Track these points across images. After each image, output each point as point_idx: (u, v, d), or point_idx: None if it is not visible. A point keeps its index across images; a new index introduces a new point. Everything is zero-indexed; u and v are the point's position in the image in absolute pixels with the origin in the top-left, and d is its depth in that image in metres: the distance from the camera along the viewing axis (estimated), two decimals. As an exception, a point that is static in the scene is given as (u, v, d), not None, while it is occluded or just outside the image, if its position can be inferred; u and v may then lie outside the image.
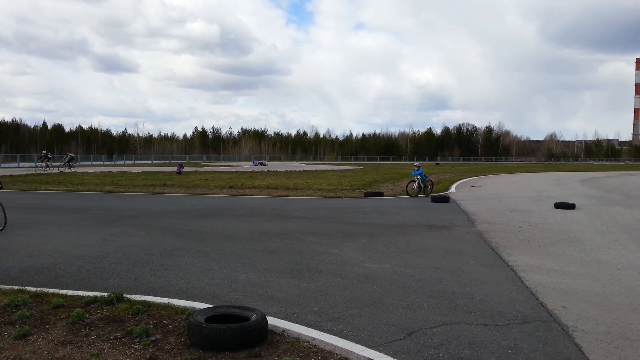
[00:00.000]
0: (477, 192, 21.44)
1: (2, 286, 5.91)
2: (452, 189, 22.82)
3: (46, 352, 4.06)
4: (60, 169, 38.57)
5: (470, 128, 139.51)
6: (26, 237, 9.35)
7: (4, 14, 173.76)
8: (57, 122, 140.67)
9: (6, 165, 53.67)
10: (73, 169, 39.14)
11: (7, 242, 8.82)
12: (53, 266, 7.10)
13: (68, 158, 40.40)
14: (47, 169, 37.34)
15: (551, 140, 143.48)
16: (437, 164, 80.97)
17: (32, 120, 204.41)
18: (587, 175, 37.36)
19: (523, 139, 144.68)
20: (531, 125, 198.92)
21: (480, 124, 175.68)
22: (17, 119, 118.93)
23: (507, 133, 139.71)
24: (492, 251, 8.39)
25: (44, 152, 40.09)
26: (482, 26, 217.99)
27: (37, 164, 38.49)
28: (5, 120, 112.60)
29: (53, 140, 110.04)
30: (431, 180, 20.69)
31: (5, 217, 10.24)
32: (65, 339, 4.32)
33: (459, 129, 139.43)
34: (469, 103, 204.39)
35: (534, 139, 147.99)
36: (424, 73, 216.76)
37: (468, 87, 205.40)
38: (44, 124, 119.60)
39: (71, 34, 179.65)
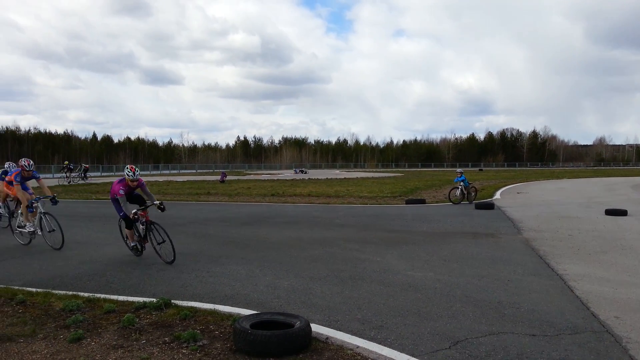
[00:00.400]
0: (523, 198, 20.91)
1: (57, 291, 6.17)
2: (497, 195, 22.34)
3: (99, 356, 4.21)
4: (74, 180, 37.65)
5: (514, 133, 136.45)
6: (78, 245, 9.72)
7: (58, 32, 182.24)
8: (106, 133, 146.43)
9: (59, 175, 55.88)
10: (87, 180, 38.35)
11: (61, 250, 9.19)
12: (104, 272, 7.36)
13: (83, 169, 39.66)
14: (68, 179, 36.68)
15: (600, 144, 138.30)
16: (481, 170, 79.54)
17: (82, 132, 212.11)
18: (639, 181, 35.83)
19: (570, 144, 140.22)
20: (579, 129, 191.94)
21: (525, 128, 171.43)
22: (69, 130, 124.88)
23: (554, 137, 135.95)
24: (539, 259, 8.17)
25: (66, 162, 38.96)
26: (525, 28, 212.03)
27: (63, 175, 37.53)
28: (58, 132, 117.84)
29: (102, 151, 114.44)
30: (474, 187, 20.32)
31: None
32: (116, 343, 4.47)
33: (502, 134, 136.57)
34: (512, 107, 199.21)
35: (582, 144, 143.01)
36: (465, 78, 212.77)
37: (512, 91, 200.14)
38: (94, 135, 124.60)
39: (119, 49, 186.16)
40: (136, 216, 7.93)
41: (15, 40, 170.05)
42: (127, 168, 7.96)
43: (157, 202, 8.21)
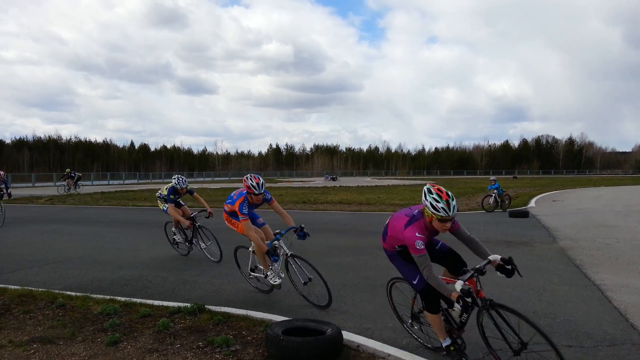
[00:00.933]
0: (559, 206, 20.43)
1: (95, 295, 6.34)
2: (532, 203, 21.90)
3: (135, 359, 4.31)
4: (71, 189, 33.28)
5: (550, 140, 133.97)
6: (116, 250, 9.99)
7: (98, 44, 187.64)
8: (144, 142, 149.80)
9: (97, 182, 57.74)
10: (79, 190, 33.62)
11: (100, 255, 9.46)
12: (140, 277, 7.53)
13: (76, 178, 34.18)
14: (70, 189, 32.84)
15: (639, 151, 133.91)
16: (515, 177, 78.12)
17: (120, 140, 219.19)
18: (683, 188, 34.53)
19: (608, 151, 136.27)
20: (617, 135, 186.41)
21: (561, 135, 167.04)
22: (108, 139, 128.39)
23: (591, 144, 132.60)
24: (576, 269, 7.98)
25: (68, 170, 34.66)
26: (561, 34, 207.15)
27: (59, 183, 33.77)
28: (97, 141, 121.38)
29: (140, 159, 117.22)
30: (508, 195, 19.97)
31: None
32: (152, 347, 4.57)
33: (537, 140, 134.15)
34: (548, 114, 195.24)
35: (621, 150, 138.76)
36: (499, 84, 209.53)
37: (547, 97, 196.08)
38: (132, 144, 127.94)
39: (156, 59, 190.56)
40: (468, 299, 3.78)
41: (59, 53, 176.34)
42: (430, 192, 4.00)
43: (496, 257, 4.14)
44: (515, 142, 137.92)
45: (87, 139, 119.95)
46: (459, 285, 3.75)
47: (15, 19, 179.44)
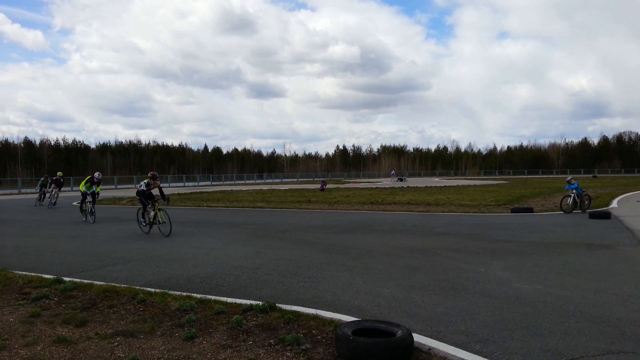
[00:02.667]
0: (646, 207, 19.10)
1: (173, 292, 6.61)
2: (614, 204, 20.63)
3: (210, 354, 4.46)
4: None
5: (633, 136, 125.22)
6: (192, 249, 10.39)
7: (173, 52, 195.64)
8: (216, 145, 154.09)
9: (174, 184, 60.54)
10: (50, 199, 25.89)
11: (177, 253, 9.88)
12: (214, 275, 7.79)
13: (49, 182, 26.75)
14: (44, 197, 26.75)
15: None
16: (595, 176, 74.04)
17: (195, 144, 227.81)
18: None
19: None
20: None
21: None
22: (183, 143, 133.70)
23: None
24: (666, 274, 7.43)
25: (60, 174, 26.46)
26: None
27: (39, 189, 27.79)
28: (174, 145, 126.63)
29: (213, 162, 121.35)
30: (588, 195, 18.93)
31: None
32: (225, 343, 4.72)
33: (619, 137, 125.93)
34: (630, 109, 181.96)
35: None
36: (576, 79, 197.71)
37: (629, 91, 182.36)
38: (205, 147, 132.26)
39: (227, 65, 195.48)
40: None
41: (137, 62, 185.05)
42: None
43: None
44: (594, 140, 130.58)
45: (164, 143, 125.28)
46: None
47: (97, 31, 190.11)
